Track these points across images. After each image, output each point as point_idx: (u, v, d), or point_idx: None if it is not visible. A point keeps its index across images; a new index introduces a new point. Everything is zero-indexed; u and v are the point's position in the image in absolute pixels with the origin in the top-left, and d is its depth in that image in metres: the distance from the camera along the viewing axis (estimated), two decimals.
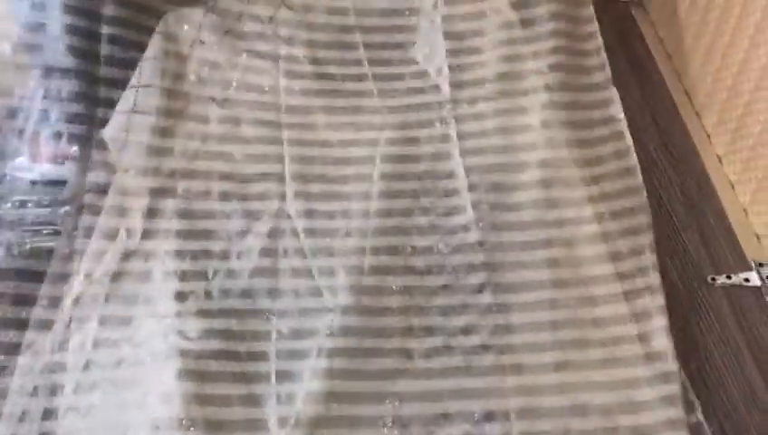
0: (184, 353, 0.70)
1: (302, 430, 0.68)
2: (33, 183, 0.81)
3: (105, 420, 0.68)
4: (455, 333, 0.75)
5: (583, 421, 0.69)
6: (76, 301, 0.75)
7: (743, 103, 0.87)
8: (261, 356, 0.73)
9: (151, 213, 0.81)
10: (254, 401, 0.70)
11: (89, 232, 0.78)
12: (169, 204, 0.81)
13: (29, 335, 0.72)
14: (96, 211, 0.80)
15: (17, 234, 0.77)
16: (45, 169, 0.82)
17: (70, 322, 0.74)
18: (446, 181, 0.86)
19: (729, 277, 0.81)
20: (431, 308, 0.76)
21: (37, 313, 0.74)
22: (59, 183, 0.81)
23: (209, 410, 0.68)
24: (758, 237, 0.85)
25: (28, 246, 0.77)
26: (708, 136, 0.96)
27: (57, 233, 0.78)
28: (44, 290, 0.75)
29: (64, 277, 0.76)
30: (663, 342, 0.74)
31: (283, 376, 0.71)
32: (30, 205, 0.80)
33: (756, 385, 0.73)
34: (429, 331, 0.75)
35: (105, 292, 0.75)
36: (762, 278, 0.80)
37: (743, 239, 0.84)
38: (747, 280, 0.80)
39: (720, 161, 0.93)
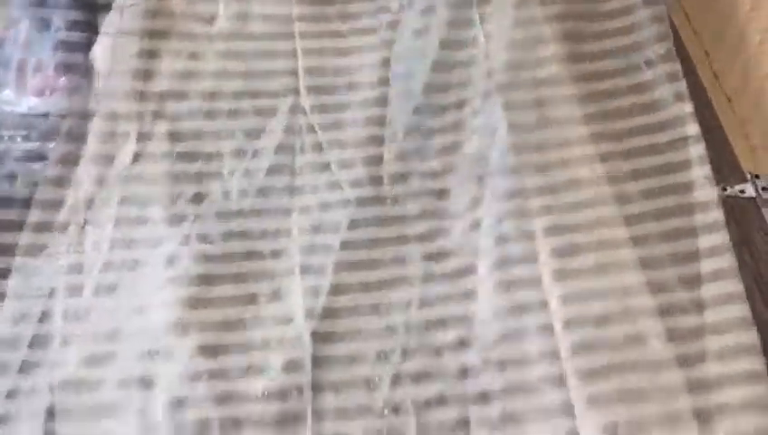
0: (203, 256, 0.70)
1: (327, 320, 0.68)
2: (23, 116, 0.79)
3: (125, 322, 0.68)
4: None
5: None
6: (89, 203, 0.74)
7: (741, 15, 0.86)
8: (284, 253, 0.72)
9: (157, 115, 0.79)
10: (279, 296, 0.69)
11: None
12: (178, 105, 0.80)
13: (41, 238, 0.71)
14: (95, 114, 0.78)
15: (7, 167, 0.76)
16: (33, 103, 0.80)
17: (84, 223, 0.72)
18: (464, 52, 0.83)
19: (725, 189, 0.80)
20: (450, 190, 0.75)
21: (46, 216, 0.73)
22: (47, 115, 0.79)
23: (232, 310, 0.68)
24: (754, 149, 0.84)
25: (19, 179, 0.75)
26: (706, 52, 0.95)
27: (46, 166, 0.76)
28: (45, 194, 0.74)
29: (66, 182, 0.75)
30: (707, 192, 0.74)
31: (308, 270, 0.71)
32: (19, 139, 0.78)
33: (754, 298, 0.72)
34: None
35: (117, 194, 0.74)
36: (757, 190, 0.80)
37: (739, 151, 0.83)
38: (743, 191, 0.80)
39: (716, 77, 0.92)
